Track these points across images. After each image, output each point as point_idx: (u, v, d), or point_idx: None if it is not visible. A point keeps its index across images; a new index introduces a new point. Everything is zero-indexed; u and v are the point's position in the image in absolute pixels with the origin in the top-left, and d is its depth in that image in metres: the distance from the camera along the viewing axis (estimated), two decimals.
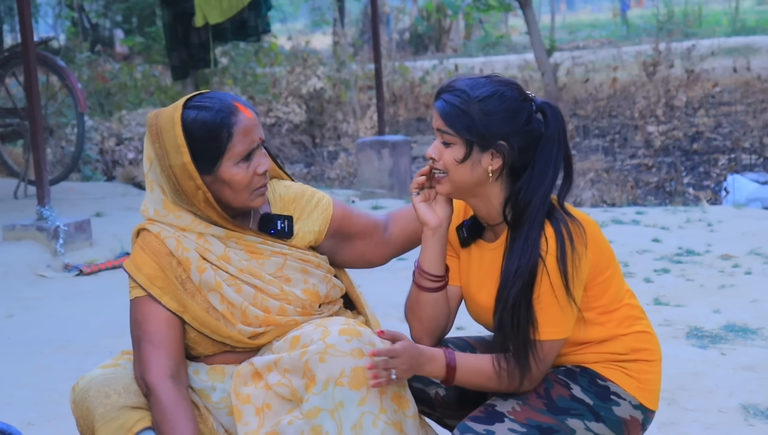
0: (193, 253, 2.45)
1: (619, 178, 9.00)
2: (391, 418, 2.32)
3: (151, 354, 2.40)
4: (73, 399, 2.44)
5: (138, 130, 10.36)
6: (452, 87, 2.35)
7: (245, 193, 2.44)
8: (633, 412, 2.40)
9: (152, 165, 2.47)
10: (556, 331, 2.32)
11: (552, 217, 2.32)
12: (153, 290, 2.43)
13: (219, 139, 2.38)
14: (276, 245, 2.53)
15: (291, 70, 12.67)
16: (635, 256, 5.74)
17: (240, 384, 2.42)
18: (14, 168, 8.59)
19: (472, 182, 2.35)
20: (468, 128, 2.30)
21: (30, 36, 6.03)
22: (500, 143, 2.30)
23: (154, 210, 2.49)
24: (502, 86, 2.33)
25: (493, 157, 2.32)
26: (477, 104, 2.30)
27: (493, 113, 2.30)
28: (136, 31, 17.58)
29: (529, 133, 2.32)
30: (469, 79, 2.37)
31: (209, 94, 2.47)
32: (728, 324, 4.39)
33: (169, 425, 2.33)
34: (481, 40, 25.66)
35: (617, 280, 2.45)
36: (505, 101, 2.31)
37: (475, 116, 2.29)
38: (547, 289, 2.29)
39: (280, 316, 2.48)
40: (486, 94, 2.31)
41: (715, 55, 15.63)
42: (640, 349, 2.44)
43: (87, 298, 5.40)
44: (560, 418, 2.34)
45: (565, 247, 2.28)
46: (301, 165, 11.05)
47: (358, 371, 2.28)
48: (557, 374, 2.42)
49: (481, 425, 2.32)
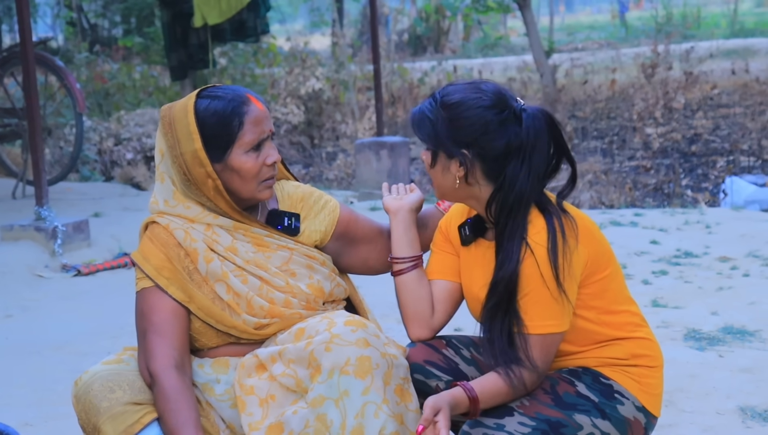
0: (200, 244, 2.49)
1: (617, 179, 9.00)
2: (393, 410, 2.33)
3: (156, 344, 2.42)
4: (75, 393, 2.44)
5: (136, 131, 10.35)
6: (434, 93, 2.40)
7: (254, 183, 2.49)
8: (636, 413, 2.41)
9: (163, 157, 2.52)
10: (551, 323, 2.33)
11: (545, 211, 2.34)
12: (160, 280, 2.47)
13: (230, 127, 2.45)
14: (282, 239, 2.57)
15: (290, 71, 12.67)
16: (633, 257, 5.75)
17: (244, 375, 2.43)
18: (12, 168, 8.59)
19: (447, 187, 2.41)
20: (431, 136, 2.36)
21: (28, 36, 6.03)
22: (462, 152, 2.33)
23: (164, 201, 2.53)
24: (476, 93, 2.35)
25: (460, 165, 2.35)
26: (443, 112, 2.34)
27: (456, 120, 2.33)
28: (134, 31, 17.56)
29: (499, 140, 2.33)
30: (455, 84, 2.40)
31: (222, 86, 2.54)
32: (726, 326, 4.39)
33: (173, 413, 2.34)
34: (480, 41, 25.67)
35: (617, 283, 2.45)
36: (471, 109, 2.33)
37: (438, 124, 2.34)
38: (538, 282, 2.30)
39: (285, 308, 2.50)
40: (453, 102, 2.34)
41: (713, 57, 15.65)
42: (641, 355, 2.45)
43: (85, 298, 5.40)
44: (568, 413, 2.35)
45: (556, 239, 2.30)
46: (300, 166, 11.06)
47: (363, 360, 2.30)
48: (561, 373, 2.44)
49: (491, 419, 2.33)
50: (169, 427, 2.34)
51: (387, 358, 2.35)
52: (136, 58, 16.39)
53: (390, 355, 2.36)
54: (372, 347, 2.32)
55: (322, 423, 2.29)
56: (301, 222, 2.63)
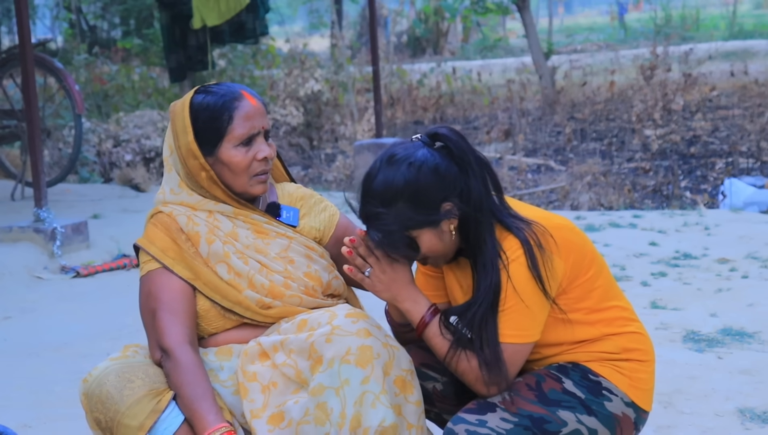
0: (202, 228, 2.56)
1: (616, 181, 9.00)
2: (391, 401, 2.34)
3: (168, 321, 2.46)
4: (86, 390, 2.43)
5: (135, 132, 10.34)
6: (368, 209, 2.36)
7: (245, 177, 2.56)
8: (625, 409, 2.41)
9: (171, 150, 2.61)
10: (519, 334, 2.34)
11: (511, 227, 2.35)
12: (166, 260, 2.53)
13: (220, 121, 2.52)
14: (281, 228, 2.63)
15: (289, 72, 12.66)
16: (632, 259, 5.75)
17: (247, 362, 2.46)
18: (11, 170, 8.59)
19: (445, 248, 2.40)
20: (412, 225, 2.34)
21: (27, 37, 6.03)
22: (445, 207, 2.34)
23: (170, 189, 2.62)
24: (401, 166, 2.33)
25: (449, 219, 2.36)
26: (403, 203, 2.32)
27: (419, 196, 2.32)
28: (134, 33, 17.56)
29: (451, 173, 2.35)
30: (371, 181, 2.37)
31: (221, 83, 2.61)
32: (725, 328, 4.39)
33: (191, 386, 2.37)
34: (479, 43, 25.70)
35: (602, 281, 2.45)
36: (420, 177, 2.32)
37: (410, 213, 2.33)
38: (511, 293, 2.32)
39: (284, 289, 2.54)
40: (400, 189, 2.32)
41: (712, 59, 15.66)
42: (632, 349, 2.45)
43: (84, 300, 5.40)
44: (551, 409, 2.36)
45: (534, 253, 2.32)
46: (299, 167, 11.06)
47: (365, 350, 2.32)
48: (549, 369, 2.44)
49: (474, 415, 2.35)
50: (188, 399, 2.36)
51: (388, 349, 2.37)
52: (135, 59, 16.39)
53: (392, 346, 2.39)
54: (373, 337, 2.35)
55: (322, 411, 2.31)
56: (299, 218, 2.68)
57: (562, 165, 10.03)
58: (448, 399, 2.58)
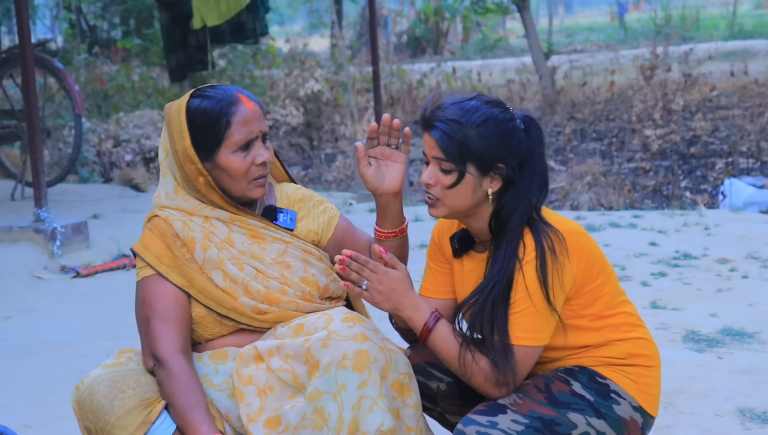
0: (198, 234, 2.53)
1: (616, 181, 9.00)
2: (389, 405, 2.33)
3: (162, 329, 2.44)
4: (78, 398, 2.42)
5: (135, 132, 10.34)
6: (444, 116, 2.38)
7: (243, 182, 2.53)
8: (633, 413, 2.41)
9: (167, 153, 2.58)
10: (531, 337, 2.34)
11: (533, 228, 2.36)
12: (160, 267, 2.50)
13: (217, 126, 2.49)
14: (278, 232, 2.60)
15: (288, 72, 12.66)
16: (632, 259, 5.75)
17: (242, 366, 2.44)
18: (11, 170, 8.58)
19: (472, 204, 2.40)
20: (468, 157, 2.36)
21: (27, 37, 6.03)
22: (499, 166, 2.37)
23: (165, 193, 2.59)
24: (492, 108, 2.39)
25: (493, 180, 2.38)
26: (473, 131, 2.35)
27: (489, 138, 2.35)
28: (133, 33, 17.56)
29: (520, 149, 2.38)
30: (457, 103, 2.40)
31: (217, 86, 2.57)
32: (725, 328, 4.39)
33: (183, 396, 2.35)
34: (479, 43, 25.70)
35: (610, 289, 2.46)
36: (500, 124, 2.37)
37: (472, 145, 2.35)
38: (524, 295, 2.32)
39: (280, 295, 2.52)
40: (480, 121, 2.36)
41: (712, 59, 15.65)
42: (638, 354, 2.45)
43: (84, 300, 5.40)
44: (561, 411, 2.36)
45: (546, 257, 2.32)
46: (299, 167, 11.05)
47: (362, 354, 2.30)
48: (557, 372, 2.44)
49: (485, 417, 2.33)
50: (181, 409, 2.34)
51: (386, 353, 2.35)
52: (135, 59, 16.40)
53: (389, 350, 2.37)
54: (370, 341, 2.33)
55: (319, 416, 2.29)
56: (297, 221, 2.64)
57: (562, 165, 10.03)
58: (451, 399, 2.58)
